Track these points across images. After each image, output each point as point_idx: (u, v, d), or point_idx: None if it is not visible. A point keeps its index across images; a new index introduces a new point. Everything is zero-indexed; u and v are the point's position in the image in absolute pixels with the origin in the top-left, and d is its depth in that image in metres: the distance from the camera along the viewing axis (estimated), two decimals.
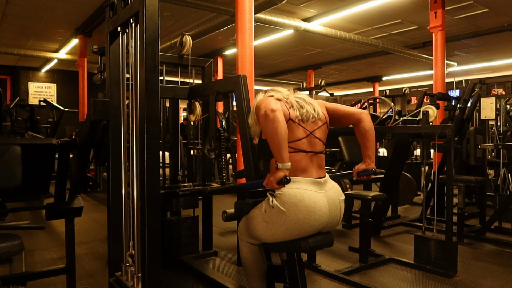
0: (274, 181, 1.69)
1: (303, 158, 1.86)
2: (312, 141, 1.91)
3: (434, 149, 5.03)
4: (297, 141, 1.86)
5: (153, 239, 1.88)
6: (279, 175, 1.68)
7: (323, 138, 1.97)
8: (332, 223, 1.90)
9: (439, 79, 6.09)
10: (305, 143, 1.88)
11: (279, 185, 1.70)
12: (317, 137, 1.93)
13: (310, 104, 1.95)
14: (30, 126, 7.18)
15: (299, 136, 1.87)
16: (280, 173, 1.68)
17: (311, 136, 1.90)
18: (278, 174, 1.69)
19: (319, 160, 1.93)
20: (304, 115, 1.89)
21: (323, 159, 1.97)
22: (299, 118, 1.88)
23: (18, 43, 9.79)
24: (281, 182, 1.70)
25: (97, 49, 2.90)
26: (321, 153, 1.95)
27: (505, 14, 7.56)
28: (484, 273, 3.29)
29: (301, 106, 1.91)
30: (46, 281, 2.95)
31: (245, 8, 4.34)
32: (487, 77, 13.13)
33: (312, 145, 1.90)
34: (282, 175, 1.68)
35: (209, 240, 3.72)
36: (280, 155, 1.68)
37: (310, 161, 1.88)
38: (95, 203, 6.54)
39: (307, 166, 1.86)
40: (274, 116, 1.67)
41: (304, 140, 1.88)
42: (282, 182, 1.70)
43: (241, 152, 2.56)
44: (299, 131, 1.87)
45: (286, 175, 1.69)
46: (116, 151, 2.33)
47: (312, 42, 9.72)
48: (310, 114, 1.91)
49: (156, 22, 1.88)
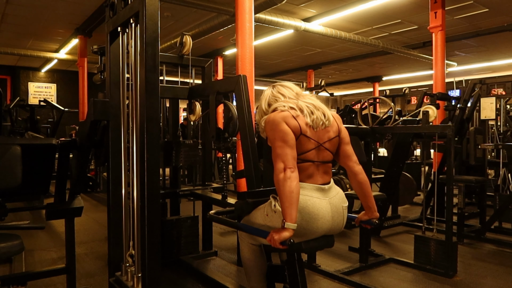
0: (278, 240, 1.63)
1: (310, 166, 1.83)
2: (321, 151, 1.86)
3: (434, 149, 5.03)
4: (306, 153, 1.82)
5: (153, 239, 1.88)
6: (284, 235, 1.62)
7: (332, 150, 1.91)
8: (334, 230, 1.88)
9: (439, 79, 6.09)
10: (314, 153, 1.84)
11: (282, 246, 1.64)
12: (327, 148, 1.88)
13: (320, 109, 1.89)
14: (30, 126, 7.18)
15: (308, 147, 1.82)
16: (286, 234, 1.63)
17: (321, 148, 1.86)
18: (283, 234, 1.63)
19: (325, 168, 1.90)
20: (315, 122, 1.84)
21: (330, 166, 1.94)
22: (310, 124, 1.83)
23: (18, 43, 9.79)
24: (284, 244, 1.63)
25: (97, 49, 2.90)
26: (328, 162, 1.92)
27: (505, 14, 7.56)
28: (484, 273, 3.29)
29: (311, 112, 1.86)
30: (46, 281, 2.95)
31: (245, 8, 4.34)
32: (487, 77, 13.12)
33: (320, 155, 1.86)
34: (288, 236, 1.63)
35: (209, 240, 3.72)
36: (289, 214, 1.63)
37: (317, 169, 1.85)
38: (95, 203, 6.54)
39: (313, 172, 1.84)
40: (291, 176, 1.66)
41: (313, 151, 1.84)
42: (285, 244, 1.63)
43: (241, 152, 2.56)
44: (309, 144, 1.82)
45: (291, 237, 1.63)
46: (116, 151, 2.33)
47: (312, 42, 9.72)
48: (320, 120, 1.86)
49: (156, 22, 1.88)
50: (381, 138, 6.58)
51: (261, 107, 1.98)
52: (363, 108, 5.61)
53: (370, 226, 2.05)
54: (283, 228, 1.64)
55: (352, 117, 6.75)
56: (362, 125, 4.04)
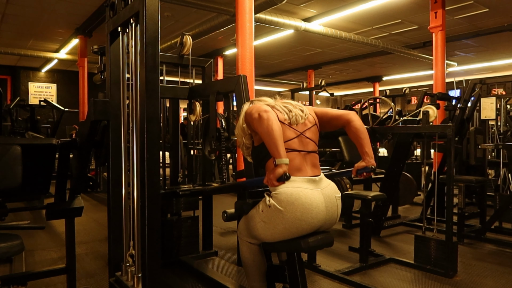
0: (274, 178, 1.69)
1: (296, 157, 1.89)
2: (303, 141, 1.95)
3: (434, 149, 5.03)
4: (288, 141, 1.89)
5: (153, 239, 1.88)
6: (278, 171, 1.68)
7: (314, 138, 2.00)
8: (330, 221, 1.91)
9: (439, 79, 6.09)
10: (296, 142, 1.92)
11: (279, 182, 1.70)
12: (308, 137, 1.97)
13: (297, 107, 2.01)
14: (30, 126, 7.17)
15: (289, 136, 1.91)
16: (279, 170, 1.68)
17: (302, 136, 1.95)
18: (277, 170, 1.69)
19: (312, 159, 1.96)
20: (293, 118, 1.95)
21: (317, 158, 2.00)
22: (288, 121, 1.93)
23: (18, 43, 9.80)
24: (281, 179, 1.68)
25: (97, 49, 2.90)
26: (314, 153, 1.98)
27: (505, 14, 7.56)
28: (485, 273, 3.29)
29: (289, 110, 1.97)
30: (46, 281, 2.95)
31: (245, 8, 4.34)
32: (487, 77, 13.11)
33: (303, 144, 1.94)
34: (282, 171, 1.68)
35: (209, 240, 3.72)
36: (277, 151, 1.69)
37: (304, 160, 1.91)
38: (95, 203, 6.54)
39: (301, 165, 1.89)
40: (268, 115, 1.74)
41: (295, 140, 1.92)
42: (282, 178, 1.68)
43: (241, 152, 2.56)
44: (289, 132, 1.92)
45: (286, 171, 1.68)
46: (116, 151, 2.33)
47: (312, 42, 9.73)
48: (299, 116, 1.97)
49: (156, 22, 1.88)
50: (381, 138, 6.58)
51: (240, 121, 2.03)
52: (363, 108, 5.61)
53: (367, 173, 2.05)
54: (275, 166, 1.69)
55: None
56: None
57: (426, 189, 5.38)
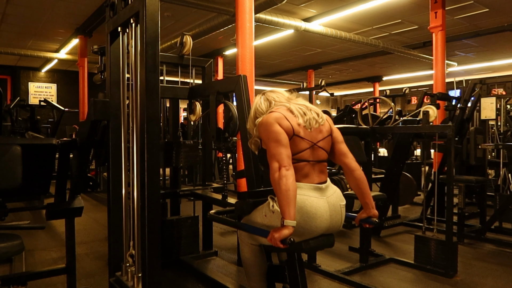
0: (278, 239, 1.62)
1: (306, 165, 1.84)
2: (315, 151, 1.88)
3: (434, 149, 5.03)
4: (300, 153, 1.83)
5: (153, 239, 1.88)
6: (284, 233, 1.61)
7: (326, 148, 1.93)
8: (333, 229, 1.88)
9: (439, 79, 6.09)
10: (308, 153, 1.85)
11: (283, 244, 1.63)
12: (321, 147, 1.90)
13: (312, 110, 1.93)
14: (31, 126, 7.17)
15: (302, 147, 1.84)
16: (286, 232, 1.62)
17: (315, 147, 1.88)
18: (283, 232, 1.62)
19: (321, 167, 1.91)
20: (308, 122, 1.87)
21: (326, 165, 1.95)
22: (303, 125, 1.85)
23: (18, 43, 9.79)
24: (284, 242, 1.61)
25: (97, 49, 2.91)
26: (324, 161, 1.93)
27: (505, 14, 7.56)
28: (485, 273, 3.29)
29: (304, 113, 1.89)
30: (46, 281, 2.95)
31: (245, 8, 4.33)
32: (487, 77, 13.10)
33: (315, 154, 1.87)
34: (287, 233, 1.61)
35: (209, 240, 3.72)
36: (288, 212, 1.63)
37: (312, 168, 1.86)
38: (95, 203, 6.54)
39: (309, 172, 1.85)
40: (287, 174, 1.66)
41: (308, 151, 1.85)
42: (286, 242, 1.61)
43: (241, 152, 2.56)
44: (303, 144, 1.84)
45: (291, 235, 1.62)
46: (116, 151, 2.33)
47: (312, 42, 9.72)
48: (313, 120, 1.89)
49: (156, 22, 1.88)
50: (381, 138, 6.59)
51: (251, 115, 1.99)
52: (363, 108, 5.61)
53: (370, 225, 2.03)
54: (282, 226, 1.64)
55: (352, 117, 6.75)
56: (362, 125, 4.04)
57: (426, 189, 5.38)
